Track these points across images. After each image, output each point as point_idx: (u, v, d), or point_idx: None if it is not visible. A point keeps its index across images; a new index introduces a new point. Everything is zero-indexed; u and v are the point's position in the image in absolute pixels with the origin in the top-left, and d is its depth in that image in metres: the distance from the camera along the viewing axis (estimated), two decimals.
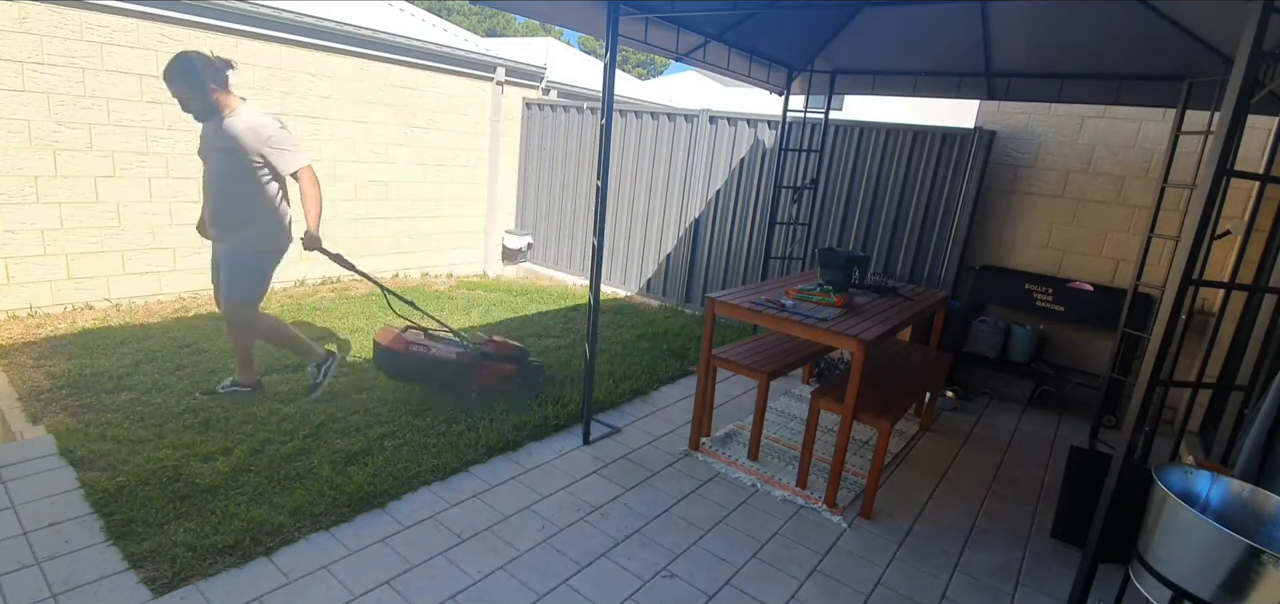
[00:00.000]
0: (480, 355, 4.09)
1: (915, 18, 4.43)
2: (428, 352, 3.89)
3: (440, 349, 3.93)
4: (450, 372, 3.94)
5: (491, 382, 4.12)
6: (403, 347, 3.85)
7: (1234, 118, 2.01)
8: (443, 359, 3.92)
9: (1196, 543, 1.87)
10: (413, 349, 3.85)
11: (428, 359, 3.88)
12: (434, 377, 3.95)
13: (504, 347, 4.28)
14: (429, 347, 3.90)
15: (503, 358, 4.22)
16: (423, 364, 3.87)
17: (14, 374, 4.02)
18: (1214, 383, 3.90)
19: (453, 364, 3.94)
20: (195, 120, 3.59)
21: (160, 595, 2.32)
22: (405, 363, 3.86)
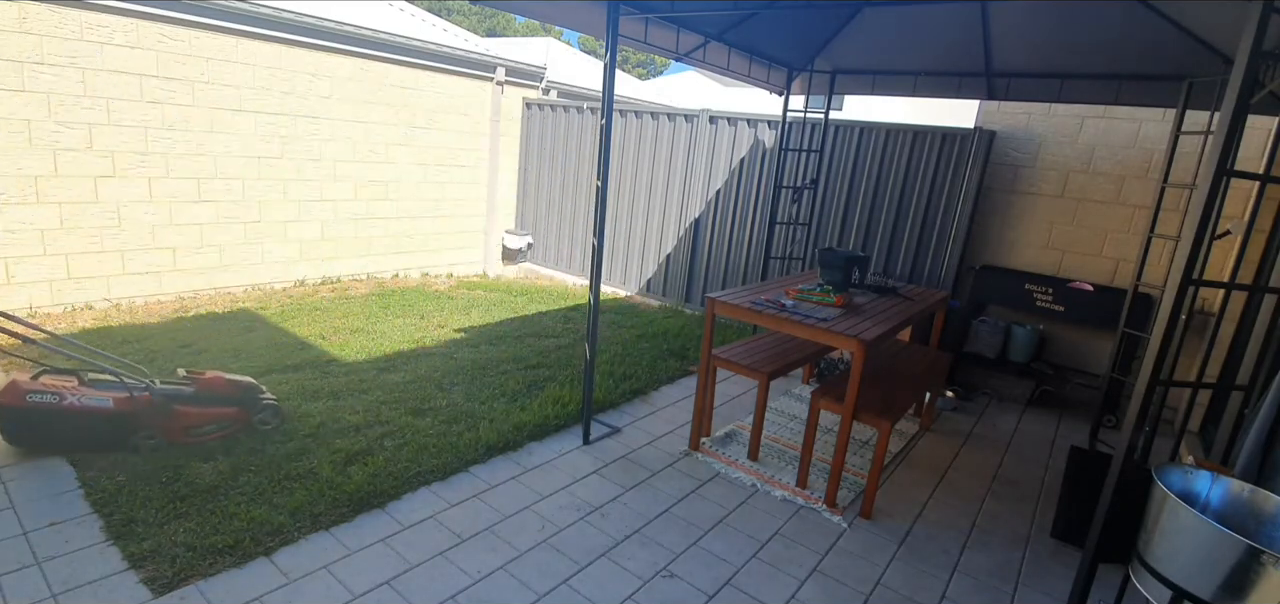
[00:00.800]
0: (166, 398, 3.21)
1: (915, 18, 4.43)
2: (59, 403, 2.99)
3: (87, 397, 3.06)
4: (107, 425, 3.08)
5: (186, 433, 3.25)
6: (16, 399, 2.95)
7: (1234, 118, 2.01)
8: (89, 412, 3.04)
9: (1196, 543, 1.87)
10: (31, 401, 2.96)
11: (62, 415, 3.00)
12: (83, 436, 3.08)
13: (215, 384, 3.40)
14: (61, 395, 3.01)
15: (213, 399, 3.36)
16: (56, 419, 3.00)
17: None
18: (1214, 383, 3.90)
19: (110, 417, 3.07)
20: None
21: (160, 595, 2.32)
22: (31, 421, 2.99)
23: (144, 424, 3.16)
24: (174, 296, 5.84)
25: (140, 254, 5.59)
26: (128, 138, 5.35)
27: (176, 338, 4.83)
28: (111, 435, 3.11)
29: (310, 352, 4.79)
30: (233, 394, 3.43)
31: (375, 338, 5.24)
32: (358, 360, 4.72)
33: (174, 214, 5.72)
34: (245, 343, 4.86)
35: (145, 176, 5.49)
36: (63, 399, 3.01)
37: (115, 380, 3.19)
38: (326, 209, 6.80)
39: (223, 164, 5.92)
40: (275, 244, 6.48)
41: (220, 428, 3.35)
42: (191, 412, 3.29)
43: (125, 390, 3.15)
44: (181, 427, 3.26)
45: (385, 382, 4.33)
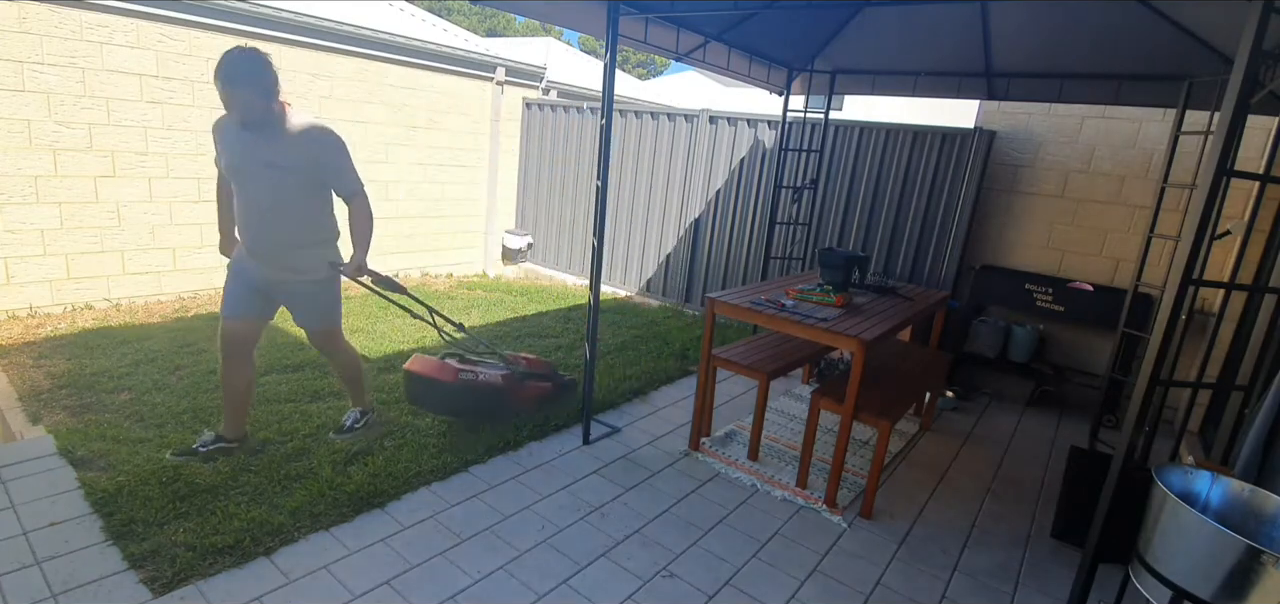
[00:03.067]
0: (522, 377, 3.85)
1: (915, 18, 4.43)
2: (476, 379, 3.59)
3: (487, 374, 3.66)
4: (497, 399, 3.69)
5: (529, 403, 3.91)
6: (451, 376, 3.52)
7: (1234, 118, 2.01)
8: (492, 386, 3.65)
9: (1196, 543, 1.87)
10: (463, 378, 3.55)
11: (478, 388, 3.59)
12: (481, 405, 3.67)
13: (537, 365, 4.06)
14: (477, 373, 3.61)
15: (539, 377, 4.01)
16: (470, 394, 3.57)
17: (14, 374, 4.02)
18: (1214, 383, 3.90)
19: (500, 390, 3.69)
20: (246, 129, 2.94)
21: (160, 595, 2.32)
22: (453, 393, 3.54)
23: (512, 398, 3.76)
24: (174, 296, 5.84)
25: (140, 254, 5.59)
26: (128, 138, 5.35)
27: (177, 338, 4.83)
28: (498, 406, 3.72)
29: (310, 351, 4.78)
30: (548, 372, 4.11)
31: (375, 338, 5.24)
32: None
33: (174, 214, 5.72)
34: None
35: (145, 176, 5.49)
36: (478, 376, 3.60)
37: (496, 359, 3.86)
38: None
39: None
40: None
41: (541, 403, 3.99)
42: (532, 387, 3.93)
43: (506, 368, 3.78)
44: (529, 398, 3.90)
45: (385, 382, 4.33)
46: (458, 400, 3.58)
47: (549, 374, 4.07)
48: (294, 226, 3.07)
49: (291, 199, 3.02)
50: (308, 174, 3.03)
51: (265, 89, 2.91)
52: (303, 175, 3.02)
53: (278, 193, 2.98)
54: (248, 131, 2.93)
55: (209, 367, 4.34)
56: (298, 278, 3.14)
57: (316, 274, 3.17)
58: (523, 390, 3.83)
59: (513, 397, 3.77)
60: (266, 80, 2.91)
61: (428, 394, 3.55)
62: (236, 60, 2.84)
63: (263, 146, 2.94)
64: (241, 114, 2.90)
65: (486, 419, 3.73)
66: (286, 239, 3.08)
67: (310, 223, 3.13)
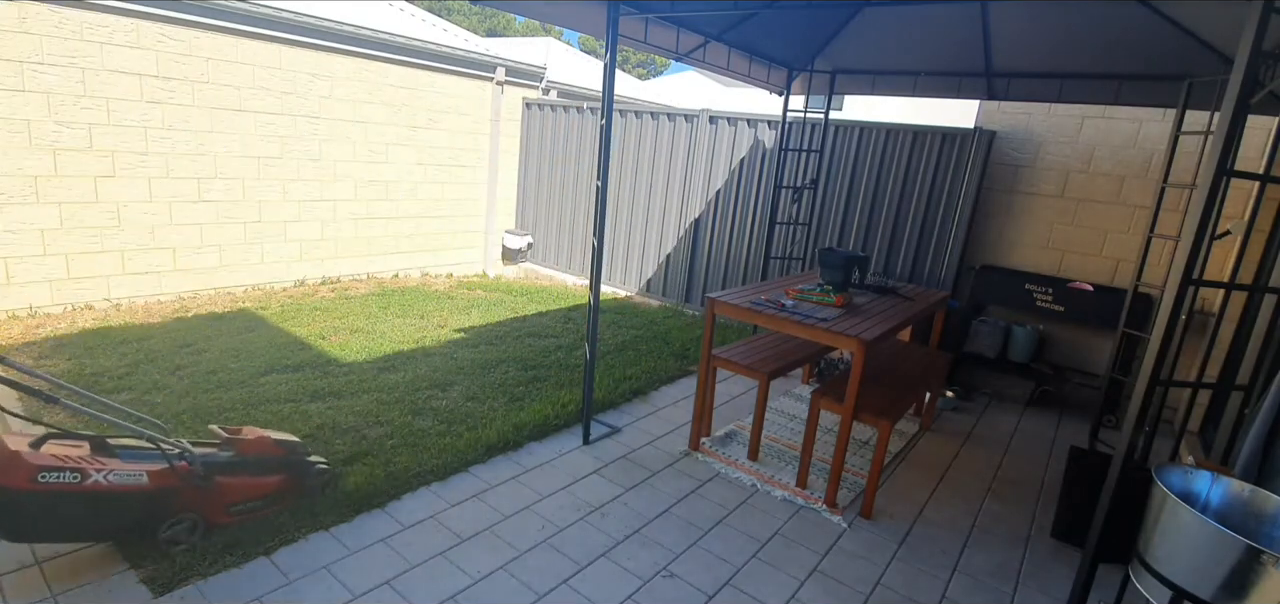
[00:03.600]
0: (207, 468, 2.57)
1: (915, 18, 4.43)
2: (81, 482, 2.24)
3: (118, 471, 2.33)
4: (138, 508, 2.39)
5: (228, 511, 2.63)
6: (24, 481, 2.15)
7: (1234, 118, 2.01)
8: (121, 491, 2.33)
9: (1196, 543, 1.87)
10: (42, 483, 2.18)
11: (82, 497, 2.25)
12: (107, 523, 2.38)
13: (261, 446, 2.77)
14: (85, 473, 2.26)
15: (258, 466, 2.73)
16: (73, 505, 2.25)
17: (14, 374, 4.02)
18: (1214, 383, 3.90)
19: (142, 497, 2.38)
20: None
21: (160, 595, 2.32)
22: (38, 510, 2.19)
23: (182, 504, 2.49)
24: (174, 296, 5.84)
25: (140, 254, 5.59)
26: (128, 138, 5.35)
27: (177, 338, 4.83)
28: (142, 520, 2.42)
29: (310, 352, 4.79)
30: (278, 457, 2.81)
31: (375, 338, 5.24)
32: (358, 360, 4.72)
33: (174, 214, 5.72)
34: (245, 343, 4.86)
35: (145, 176, 5.49)
36: (85, 477, 2.25)
37: (148, 447, 2.50)
38: (326, 209, 6.80)
39: (223, 164, 5.92)
40: (275, 244, 6.48)
41: (266, 503, 2.74)
42: (235, 483, 2.64)
43: (162, 460, 2.46)
44: (223, 503, 2.61)
45: (385, 382, 4.34)
46: (41, 517, 2.21)
47: (284, 462, 2.82)
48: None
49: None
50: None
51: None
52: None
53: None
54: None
55: (209, 367, 4.34)
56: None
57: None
58: (206, 492, 2.54)
59: (184, 502, 2.49)
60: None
61: (2, 511, 2.18)
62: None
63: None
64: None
65: (127, 538, 2.49)
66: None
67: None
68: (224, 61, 5.77)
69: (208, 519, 2.58)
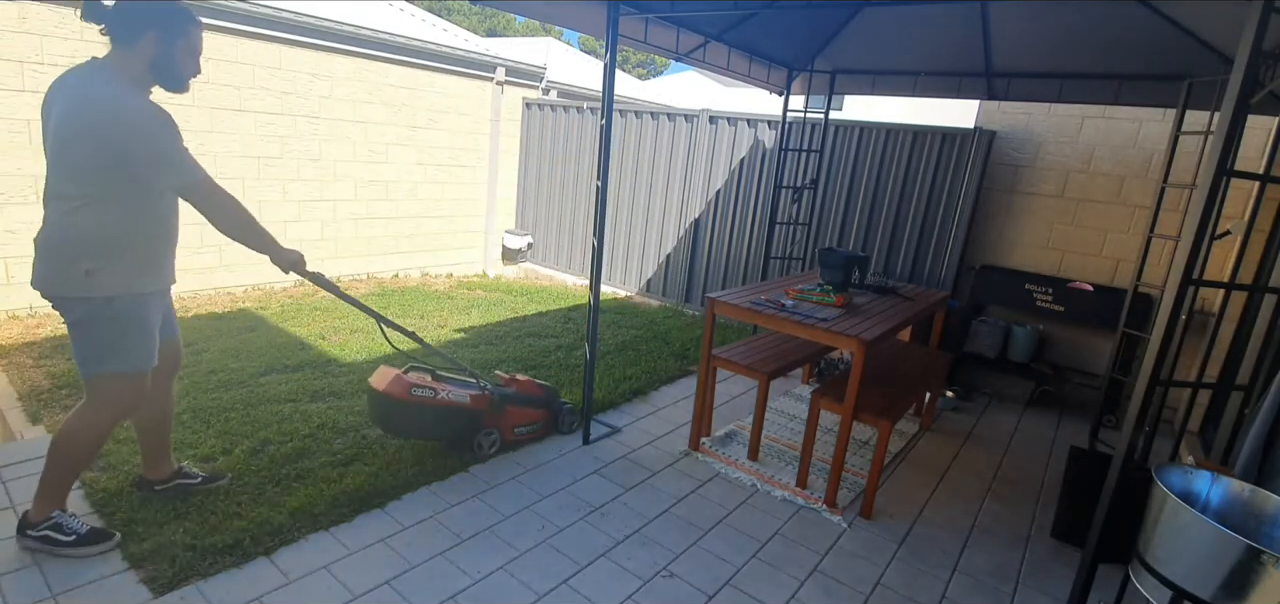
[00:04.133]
0: (501, 399, 3.49)
1: (915, 18, 4.43)
2: (433, 397, 3.21)
3: (450, 393, 3.26)
4: (463, 421, 3.34)
5: (514, 431, 3.59)
6: (402, 392, 3.14)
7: (1234, 118, 2.01)
8: (454, 406, 3.27)
9: (1196, 543, 1.87)
10: (415, 395, 3.17)
11: (435, 408, 3.21)
12: (444, 428, 3.32)
13: (529, 387, 3.68)
14: (436, 391, 3.23)
15: (529, 401, 3.64)
16: (428, 414, 3.21)
17: (14, 374, 4.02)
18: (1214, 383, 3.90)
19: (466, 412, 3.32)
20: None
21: (160, 595, 2.32)
22: (406, 412, 3.17)
23: (487, 421, 3.44)
24: (174, 296, 5.83)
25: None
26: None
27: None
28: (465, 429, 3.36)
29: (310, 351, 4.79)
30: (541, 396, 3.71)
31: (375, 338, 5.24)
32: (358, 360, 4.72)
33: None
34: (245, 343, 4.86)
35: None
36: (437, 394, 3.21)
37: (467, 378, 3.41)
38: (326, 209, 6.80)
39: (222, 164, 5.92)
40: None
41: (533, 429, 3.68)
42: (517, 412, 3.59)
43: (478, 388, 3.38)
44: (511, 424, 3.56)
45: None
46: (412, 420, 3.21)
47: (544, 400, 3.73)
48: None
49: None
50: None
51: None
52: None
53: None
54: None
55: (209, 367, 4.34)
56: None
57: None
58: (501, 415, 3.50)
59: (489, 421, 3.44)
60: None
61: (385, 413, 3.18)
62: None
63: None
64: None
65: (454, 444, 3.44)
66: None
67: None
68: (224, 61, 5.76)
69: (503, 436, 3.55)
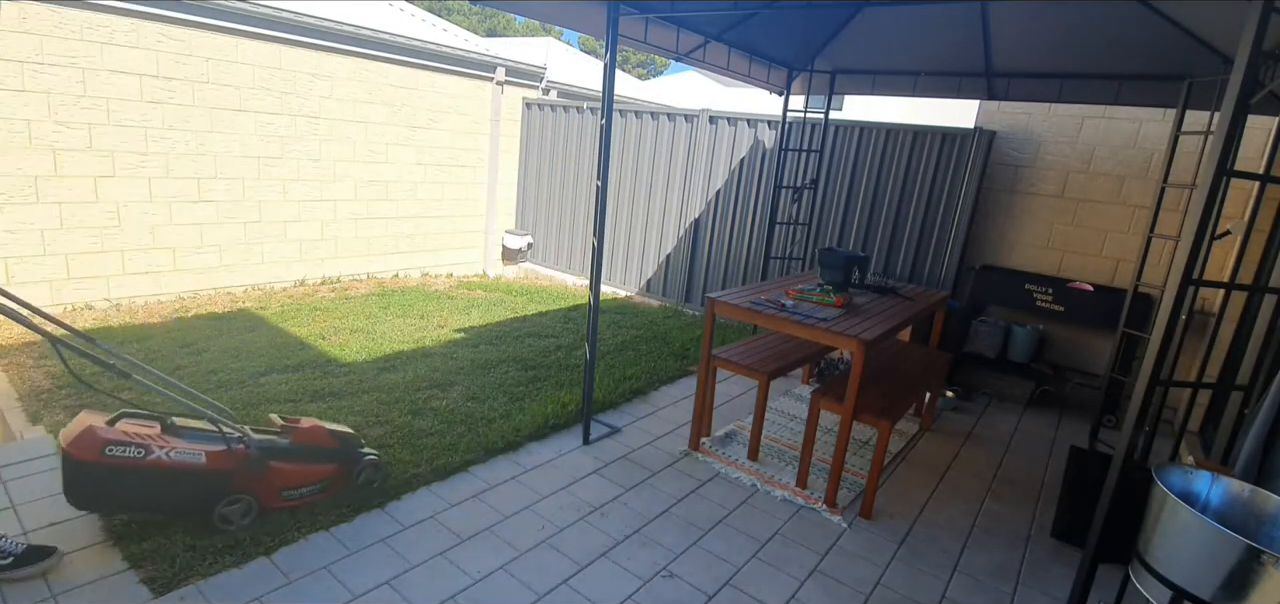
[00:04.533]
0: (261, 452, 2.68)
1: (915, 18, 4.43)
2: (143, 458, 2.41)
3: (175, 450, 2.47)
4: (194, 486, 2.53)
5: (281, 495, 2.75)
6: (91, 451, 2.34)
7: (1234, 118, 2.01)
8: (178, 467, 2.47)
9: (1196, 543, 1.87)
10: (111, 455, 2.36)
11: (143, 470, 2.42)
12: (161, 499, 2.52)
13: (314, 435, 2.85)
14: (148, 448, 2.42)
15: (309, 453, 2.83)
16: (131, 479, 2.41)
17: (14, 374, 4.02)
18: (1214, 383, 3.90)
19: (199, 475, 2.52)
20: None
21: (160, 595, 2.32)
22: (99, 480, 2.39)
23: (237, 485, 2.62)
24: (174, 297, 5.84)
25: (140, 254, 5.59)
26: (128, 138, 5.34)
27: (177, 338, 4.83)
28: (199, 498, 2.56)
29: (310, 352, 4.79)
30: (331, 448, 2.91)
31: (375, 338, 5.24)
32: (358, 360, 4.72)
33: (174, 214, 5.72)
34: (245, 343, 4.86)
35: (145, 176, 5.49)
36: (148, 452, 2.42)
37: (209, 428, 2.64)
38: (326, 209, 6.80)
39: (223, 164, 5.92)
40: (275, 244, 6.48)
41: (317, 488, 2.84)
42: (288, 469, 2.75)
43: (221, 441, 2.59)
44: (277, 487, 2.73)
45: (385, 382, 4.33)
46: (107, 489, 2.42)
47: (337, 452, 2.92)
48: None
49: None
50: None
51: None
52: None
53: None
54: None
55: (209, 367, 4.34)
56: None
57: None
58: (260, 475, 2.67)
59: (239, 483, 2.63)
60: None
61: (76, 480, 2.38)
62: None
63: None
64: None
65: (182, 517, 2.64)
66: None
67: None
68: (224, 61, 5.77)
69: (262, 502, 2.71)
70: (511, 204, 8.65)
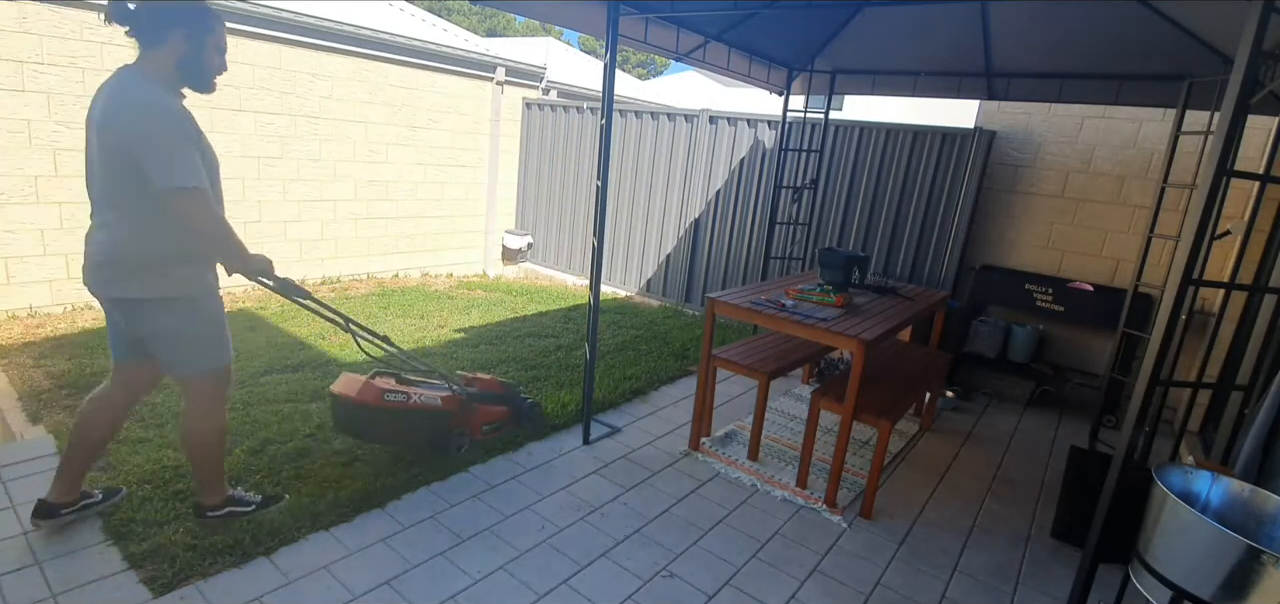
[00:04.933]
0: (469, 399, 3.45)
1: (915, 18, 4.43)
2: (407, 401, 3.14)
3: (422, 396, 3.19)
4: (436, 424, 3.29)
5: (481, 430, 3.55)
6: (374, 397, 3.06)
7: (1234, 118, 2.01)
8: (427, 409, 3.20)
9: (1196, 543, 1.87)
10: (388, 400, 3.09)
11: (408, 413, 3.15)
12: (417, 432, 3.26)
13: (492, 386, 3.65)
14: (408, 395, 3.16)
15: (493, 399, 3.61)
16: (402, 419, 3.14)
17: (14, 374, 4.02)
18: (1214, 383, 3.90)
19: (439, 414, 3.26)
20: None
21: (160, 595, 2.32)
22: (379, 419, 3.09)
23: (457, 422, 3.40)
24: None
25: None
26: None
27: None
28: (436, 433, 3.32)
29: (310, 351, 4.79)
30: (503, 394, 3.69)
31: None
32: (358, 360, 4.71)
33: None
34: (245, 343, 4.85)
35: None
36: (409, 398, 3.16)
37: (435, 382, 3.37)
38: (326, 209, 6.80)
39: (222, 164, 5.88)
40: (275, 244, 6.47)
41: (496, 426, 3.63)
42: (484, 410, 3.56)
43: (449, 389, 3.35)
44: (479, 423, 3.53)
45: None
46: (385, 426, 3.14)
47: (507, 396, 3.68)
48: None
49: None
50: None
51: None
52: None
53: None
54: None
55: None
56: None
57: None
58: (470, 415, 3.46)
59: (457, 421, 3.38)
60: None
61: (351, 419, 3.10)
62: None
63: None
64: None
65: (426, 448, 3.37)
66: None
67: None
68: None
69: (472, 435, 3.51)
70: (511, 204, 8.65)
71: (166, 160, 2.15)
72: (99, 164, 2.26)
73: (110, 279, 2.36)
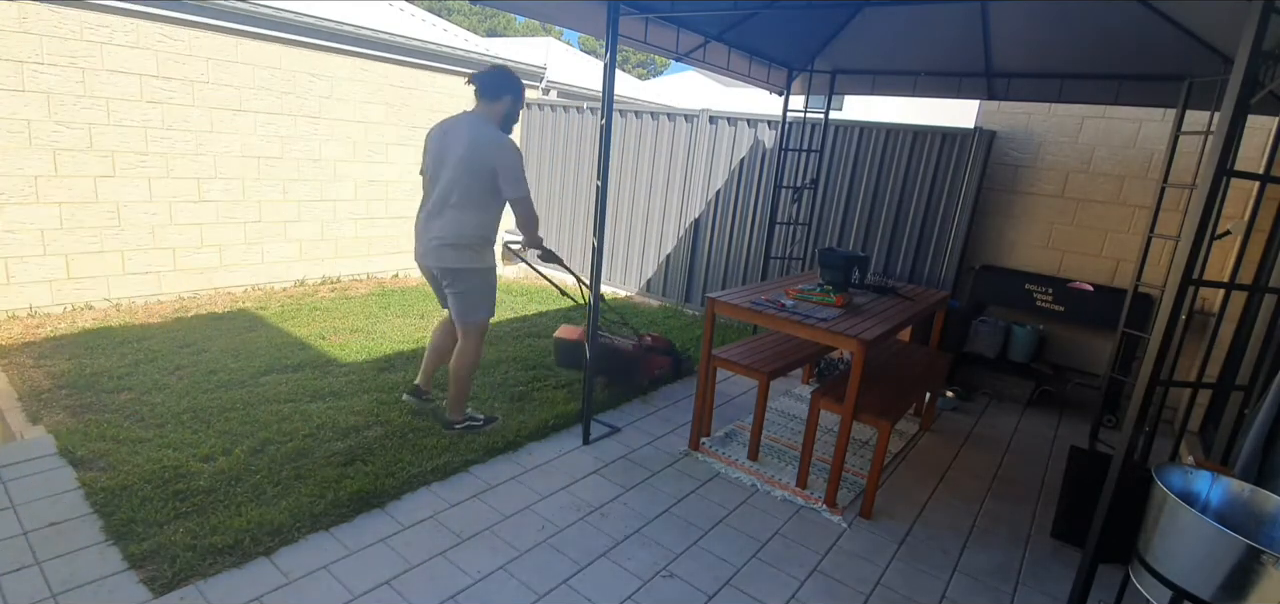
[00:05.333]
0: (647, 349, 4.58)
1: (915, 18, 4.43)
2: (613, 343, 4.51)
3: (618, 342, 4.54)
4: (627, 362, 4.46)
5: (655, 373, 4.63)
6: (636, 349, 4.54)
7: (1234, 118, 2.01)
8: (622, 351, 4.49)
9: (1196, 543, 1.87)
10: (602, 341, 4.32)
11: (614, 351, 4.48)
12: (614, 364, 4.47)
13: (660, 341, 4.80)
14: (612, 339, 4.54)
15: (661, 351, 4.73)
16: (604, 355, 4.39)
17: (14, 374, 4.02)
18: (1214, 383, 3.90)
19: (629, 355, 4.45)
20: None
21: (160, 595, 2.32)
22: (598, 354, 4.03)
23: (639, 366, 4.47)
24: (174, 297, 5.84)
25: (140, 254, 5.59)
26: (128, 138, 5.35)
27: (177, 338, 4.83)
28: (625, 370, 4.47)
29: (310, 351, 4.80)
30: (667, 347, 4.81)
31: (375, 338, 5.24)
32: (358, 360, 4.72)
33: (174, 214, 5.72)
34: (245, 343, 4.86)
35: (145, 176, 5.49)
36: (614, 341, 4.54)
37: (628, 332, 4.79)
38: (326, 209, 6.81)
39: (223, 164, 5.92)
40: (275, 244, 6.48)
41: (664, 372, 4.75)
42: (654, 359, 4.62)
43: (635, 337, 4.63)
44: (653, 369, 4.60)
45: (385, 381, 4.33)
46: (600, 360, 4.20)
47: (670, 350, 4.83)
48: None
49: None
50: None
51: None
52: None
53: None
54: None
55: (209, 367, 4.34)
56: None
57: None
58: (649, 361, 4.57)
59: (641, 364, 4.49)
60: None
61: (571, 353, 4.50)
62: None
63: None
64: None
65: (620, 379, 4.52)
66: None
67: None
68: (224, 62, 5.77)
69: (649, 373, 4.60)
70: None
71: (515, 177, 3.37)
72: (460, 175, 3.31)
73: (450, 254, 3.41)
